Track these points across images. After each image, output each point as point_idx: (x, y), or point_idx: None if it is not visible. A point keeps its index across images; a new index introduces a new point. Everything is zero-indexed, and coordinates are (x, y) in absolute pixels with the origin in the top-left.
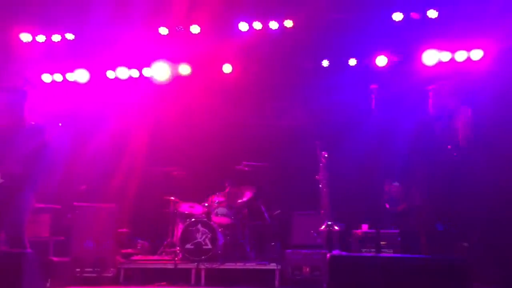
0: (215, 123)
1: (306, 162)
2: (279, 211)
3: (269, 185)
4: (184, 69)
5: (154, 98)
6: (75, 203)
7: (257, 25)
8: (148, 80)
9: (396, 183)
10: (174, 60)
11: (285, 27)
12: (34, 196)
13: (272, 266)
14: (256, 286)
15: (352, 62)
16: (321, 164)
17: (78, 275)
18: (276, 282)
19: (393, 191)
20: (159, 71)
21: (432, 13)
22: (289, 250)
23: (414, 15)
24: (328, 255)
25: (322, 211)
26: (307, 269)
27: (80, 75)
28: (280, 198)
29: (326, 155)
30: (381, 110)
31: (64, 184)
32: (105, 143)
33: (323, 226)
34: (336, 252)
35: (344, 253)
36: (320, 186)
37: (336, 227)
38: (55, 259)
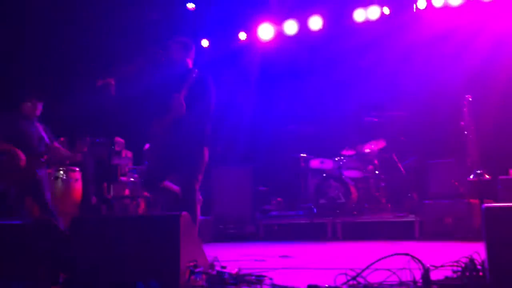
0: (345, 73)
1: (440, 108)
2: (413, 160)
3: (401, 135)
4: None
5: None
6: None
7: None
8: None
9: None
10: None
11: None
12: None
13: (411, 217)
14: (395, 239)
15: None
16: (464, 109)
17: (221, 231)
18: (416, 234)
19: None
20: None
21: None
22: (428, 201)
23: None
24: (483, 206)
25: (469, 159)
26: (449, 220)
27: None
28: (414, 148)
29: (470, 99)
30: None
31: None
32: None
33: (472, 176)
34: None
35: (500, 204)
36: (466, 132)
37: (486, 176)
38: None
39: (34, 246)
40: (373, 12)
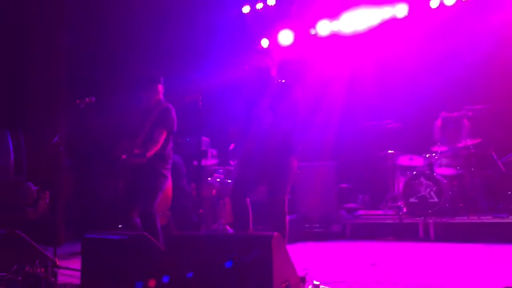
0: (428, 66)
1: None
2: None
3: (499, 129)
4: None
5: (357, 49)
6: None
7: None
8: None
9: None
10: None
11: None
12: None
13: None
14: (495, 242)
15: None
16: None
17: (307, 230)
18: None
19: None
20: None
21: None
22: None
23: None
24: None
25: None
26: None
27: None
28: None
29: None
30: None
31: None
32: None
33: None
34: None
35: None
36: None
37: None
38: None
39: (132, 261)
40: None
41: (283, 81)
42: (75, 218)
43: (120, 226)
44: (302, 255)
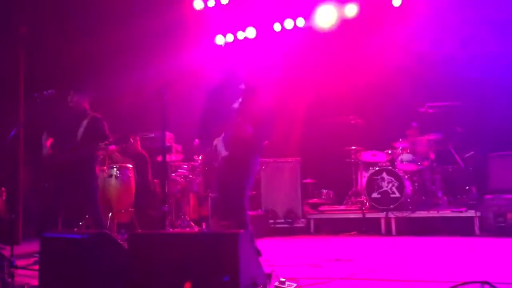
0: (389, 64)
1: (502, 98)
2: (473, 153)
3: (459, 126)
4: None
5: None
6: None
7: None
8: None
9: None
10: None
11: None
12: None
13: (470, 213)
14: (454, 235)
15: None
16: None
17: (272, 226)
18: (476, 230)
19: None
20: (324, 16)
21: None
22: (489, 196)
23: None
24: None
25: None
26: None
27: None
28: (473, 140)
29: None
30: None
31: None
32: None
33: None
34: None
35: None
36: None
37: None
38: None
39: (93, 260)
40: None
41: (247, 80)
42: (35, 216)
43: (80, 224)
44: (267, 251)
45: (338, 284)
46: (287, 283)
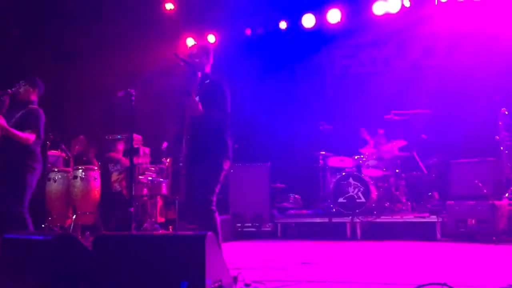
0: (364, 69)
1: (465, 106)
2: (435, 159)
3: (423, 134)
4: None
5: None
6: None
7: None
8: None
9: None
10: None
11: None
12: None
13: (433, 218)
14: (416, 239)
15: None
16: (500, 123)
17: (239, 229)
18: (438, 235)
19: None
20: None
21: None
22: (450, 202)
23: None
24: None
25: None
26: (473, 221)
27: None
28: (436, 147)
29: (506, 112)
30: None
31: None
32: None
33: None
34: None
35: None
36: (501, 148)
37: None
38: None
39: (57, 262)
40: (393, 5)
41: (215, 78)
42: None
43: (43, 225)
44: (234, 254)
45: (304, 286)
46: (253, 286)
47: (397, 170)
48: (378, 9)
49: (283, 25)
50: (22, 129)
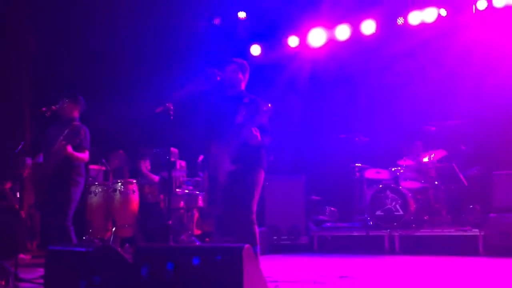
0: (400, 80)
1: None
2: (476, 171)
3: (463, 144)
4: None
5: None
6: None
7: None
8: None
9: None
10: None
11: None
12: None
13: (475, 232)
14: (457, 254)
15: None
16: None
17: (275, 243)
18: (480, 249)
19: None
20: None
21: None
22: (493, 214)
23: None
24: None
25: None
26: None
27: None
28: (476, 158)
29: None
30: None
31: None
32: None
33: None
34: None
35: None
36: None
37: None
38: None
39: (98, 273)
40: (429, 14)
41: (253, 96)
42: (37, 229)
43: (84, 238)
44: (270, 267)
45: None
46: None
47: (436, 182)
48: (413, 19)
49: None
50: (73, 147)
